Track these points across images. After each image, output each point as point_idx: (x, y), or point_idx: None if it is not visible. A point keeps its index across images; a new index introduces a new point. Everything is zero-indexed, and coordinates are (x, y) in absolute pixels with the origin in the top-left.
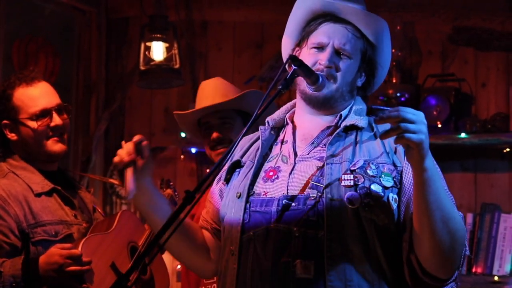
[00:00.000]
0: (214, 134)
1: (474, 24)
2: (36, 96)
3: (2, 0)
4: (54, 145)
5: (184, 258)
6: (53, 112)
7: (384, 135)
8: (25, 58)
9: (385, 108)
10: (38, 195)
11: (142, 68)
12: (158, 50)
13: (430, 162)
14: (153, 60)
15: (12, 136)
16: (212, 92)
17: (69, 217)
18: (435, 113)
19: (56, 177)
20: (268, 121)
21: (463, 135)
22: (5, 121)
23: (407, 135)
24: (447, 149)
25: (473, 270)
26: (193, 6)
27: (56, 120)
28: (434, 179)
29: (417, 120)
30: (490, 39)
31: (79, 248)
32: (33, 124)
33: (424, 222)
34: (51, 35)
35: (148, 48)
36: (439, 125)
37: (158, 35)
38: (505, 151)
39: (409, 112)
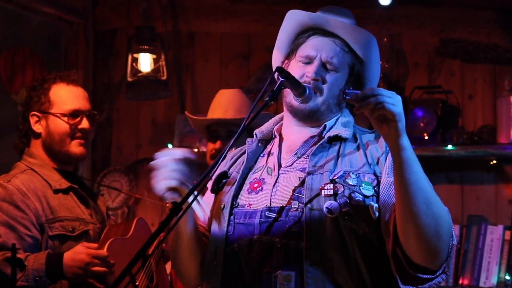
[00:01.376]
0: (218, 144)
1: (460, 36)
2: (73, 96)
3: None
4: (77, 147)
5: (186, 263)
6: (84, 115)
7: (362, 100)
8: (12, 69)
9: (357, 91)
10: (56, 191)
11: (129, 79)
12: (145, 62)
13: (408, 143)
14: (140, 72)
15: (37, 128)
16: (226, 103)
17: (85, 215)
18: (421, 125)
19: (72, 178)
20: (256, 134)
21: (449, 147)
22: (35, 112)
23: (386, 104)
24: (433, 161)
25: (460, 282)
26: (180, 18)
27: (85, 123)
28: (413, 159)
29: (392, 96)
30: (476, 51)
31: (105, 249)
32: (64, 120)
33: (407, 204)
34: (38, 46)
35: (135, 60)
36: (426, 137)
37: (145, 47)
38: (491, 163)
39: (384, 90)
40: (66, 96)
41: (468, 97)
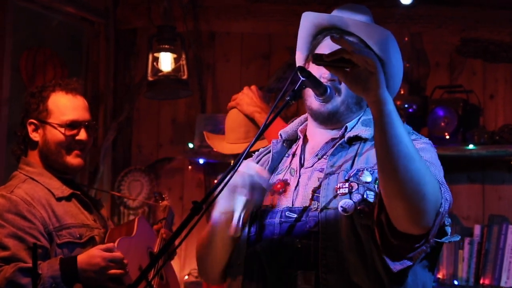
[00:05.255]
0: None
1: (481, 35)
2: (71, 106)
3: (10, 11)
4: (73, 158)
5: (215, 263)
6: (82, 126)
7: (338, 40)
8: (33, 69)
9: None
10: (59, 199)
11: (150, 79)
12: (166, 61)
13: (389, 97)
14: (161, 71)
15: (35, 136)
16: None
17: (89, 221)
18: (443, 124)
19: (71, 184)
20: (281, 134)
21: (471, 146)
22: (32, 120)
23: (364, 52)
24: (454, 161)
25: (481, 281)
26: (201, 17)
27: (83, 135)
28: (395, 114)
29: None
30: (498, 51)
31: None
32: (60, 130)
33: (387, 159)
34: (59, 46)
35: (156, 59)
36: (447, 137)
37: (166, 46)
38: None
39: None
40: (65, 106)
41: (489, 97)
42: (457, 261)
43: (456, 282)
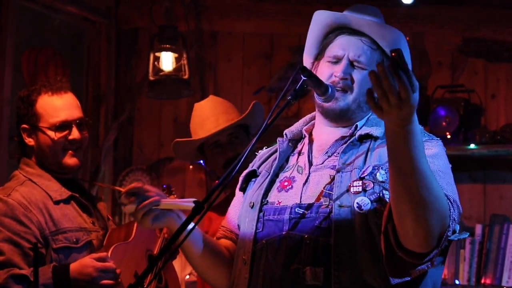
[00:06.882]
0: (230, 154)
1: (483, 35)
2: (59, 106)
3: (12, 11)
4: (69, 159)
5: (207, 275)
6: (73, 125)
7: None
8: (34, 69)
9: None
10: (57, 202)
11: (151, 78)
12: (167, 61)
13: (405, 134)
14: (162, 71)
15: (29, 141)
16: (212, 112)
17: (87, 224)
18: (444, 124)
19: (72, 185)
20: (286, 133)
21: (472, 146)
22: (24, 125)
23: (405, 101)
24: (456, 160)
25: (482, 281)
26: (203, 17)
27: (75, 134)
28: (408, 148)
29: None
30: (500, 51)
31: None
32: (51, 134)
33: (399, 186)
34: (60, 45)
35: (157, 59)
36: (449, 136)
37: (167, 46)
38: None
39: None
40: (52, 108)
41: (491, 96)
42: (458, 261)
43: (457, 282)
